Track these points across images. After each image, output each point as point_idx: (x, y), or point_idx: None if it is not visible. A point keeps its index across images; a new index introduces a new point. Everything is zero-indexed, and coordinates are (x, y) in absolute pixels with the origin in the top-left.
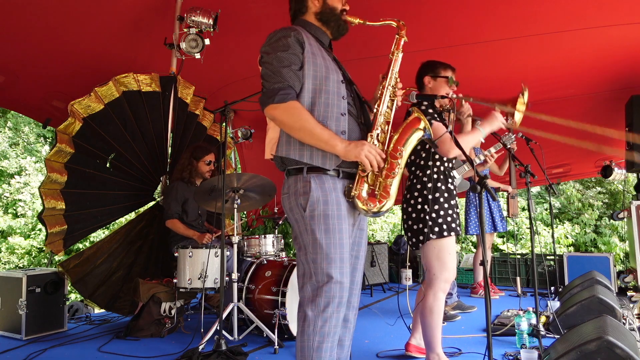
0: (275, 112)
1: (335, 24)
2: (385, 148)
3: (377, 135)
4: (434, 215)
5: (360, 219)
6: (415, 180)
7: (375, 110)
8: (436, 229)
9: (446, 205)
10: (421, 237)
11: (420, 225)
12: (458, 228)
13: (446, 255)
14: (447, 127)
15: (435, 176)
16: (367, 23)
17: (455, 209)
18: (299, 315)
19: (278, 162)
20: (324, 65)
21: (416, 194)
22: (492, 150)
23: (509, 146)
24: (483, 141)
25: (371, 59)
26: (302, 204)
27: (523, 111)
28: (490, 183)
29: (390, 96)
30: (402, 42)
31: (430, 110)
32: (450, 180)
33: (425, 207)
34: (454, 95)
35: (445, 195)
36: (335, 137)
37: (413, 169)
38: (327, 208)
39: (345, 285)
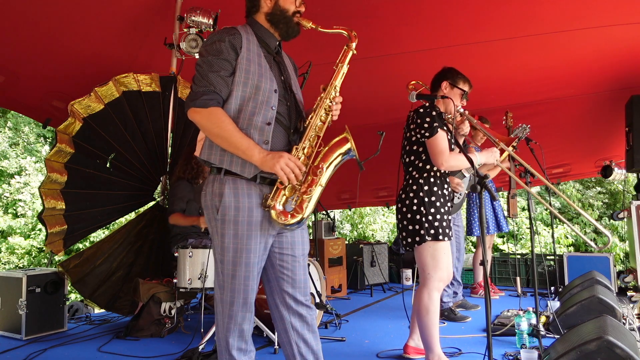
0: (195, 116)
1: (285, 26)
2: (310, 163)
3: (304, 148)
4: (430, 217)
5: None
6: (411, 181)
7: (307, 123)
8: (432, 231)
9: (442, 210)
10: (417, 238)
11: (417, 227)
12: (450, 234)
13: (441, 255)
14: (452, 138)
15: (432, 180)
16: (320, 29)
17: (446, 216)
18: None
19: (202, 161)
20: (258, 73)
21: (412, 194)
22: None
23: (524, 136)
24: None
25: (367, 60)
26: (215, 205)
27: (508, 150)
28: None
29: (325, 109)
30: (349, 55)
31: (436, 124)
32: (445, 185)
33: (422, 209)
34: (461, 110)
35: (441, 200)
36: (254, 147)
37: (410, 169)
38: (238, 214)
39: (250, 287)
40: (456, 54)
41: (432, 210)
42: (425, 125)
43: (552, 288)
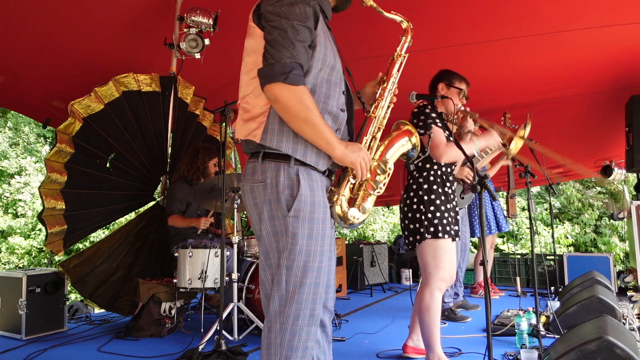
0: (283, 92)
1: None
2: (372, 157)
3: (368, 141)
4: (429, 215)
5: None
6: (411, 181)
7: (372, 114)
8: (431, 229)
9: (442, 208)
10: (418, 237)
11: (417, 225)
12: (454, 232)
13: (442, 254)
14: (449, 132)
15: (432, 178)
16: (379, 9)
17: (452, 213)
18: (264, 326)
19: (252, 145)
20: (332, 50)
21: (412, 194)
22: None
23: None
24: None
25: (372, 59)
26: (285, 200)
27: (522, 140)
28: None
29: (389, 102)
30: (406, 45)
31: (434, 115)
32: (448, 184)
33: (421, 207)
34: (462, 107)
35: (442, 198)
36: (336, 138)
37: (411, 169)
38: (314, 210)
39: (319, 296)
40: (456, 54)
41: (432, 208)
42: (420, 123)
43: (552, 288)
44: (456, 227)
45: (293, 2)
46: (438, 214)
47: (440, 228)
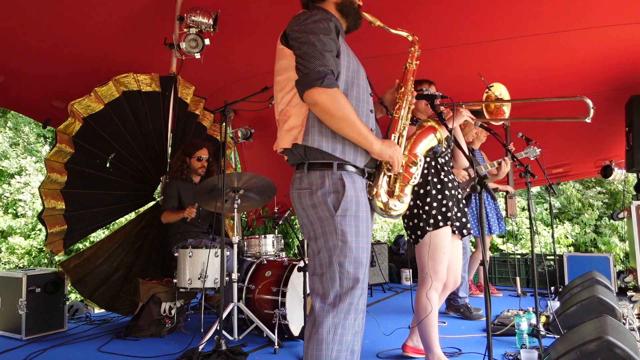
0: (320, 96)
1: (353, 18)
2: (403, 152)
3: (397, 138)
4: (427, 208)
5: None
6: None
7: (395, 115)
8: (431, 220)
9: (439, 197)
10: (419, 232)
11: (416, 221)
12: (458, 224)
13: (440, 255)
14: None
15: (425, 171)
16: (386, 28)
17: (451, 200)
18: (310, 320)
19: (298, 154)
20: (355, 58)
21: None
22: (495, 164)
23: (532, 158)
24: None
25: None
26: (332, 202)
27: (505, 100)
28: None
29: (409, 103)
30: (416, 54)
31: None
32: (443, 173)
33: (418, 201)
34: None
35: (438, 186)
36: (372, 134)
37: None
38: (359, 210)
39: (365, 292)
40: (456, 54)
41: (428, 199)
42: None
43: (552, 288)
44: (464, 219)
45: (316, 20)
46: (435, 204)
47: (440, 217)
